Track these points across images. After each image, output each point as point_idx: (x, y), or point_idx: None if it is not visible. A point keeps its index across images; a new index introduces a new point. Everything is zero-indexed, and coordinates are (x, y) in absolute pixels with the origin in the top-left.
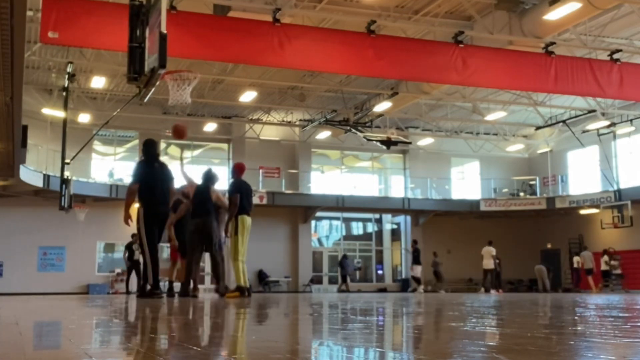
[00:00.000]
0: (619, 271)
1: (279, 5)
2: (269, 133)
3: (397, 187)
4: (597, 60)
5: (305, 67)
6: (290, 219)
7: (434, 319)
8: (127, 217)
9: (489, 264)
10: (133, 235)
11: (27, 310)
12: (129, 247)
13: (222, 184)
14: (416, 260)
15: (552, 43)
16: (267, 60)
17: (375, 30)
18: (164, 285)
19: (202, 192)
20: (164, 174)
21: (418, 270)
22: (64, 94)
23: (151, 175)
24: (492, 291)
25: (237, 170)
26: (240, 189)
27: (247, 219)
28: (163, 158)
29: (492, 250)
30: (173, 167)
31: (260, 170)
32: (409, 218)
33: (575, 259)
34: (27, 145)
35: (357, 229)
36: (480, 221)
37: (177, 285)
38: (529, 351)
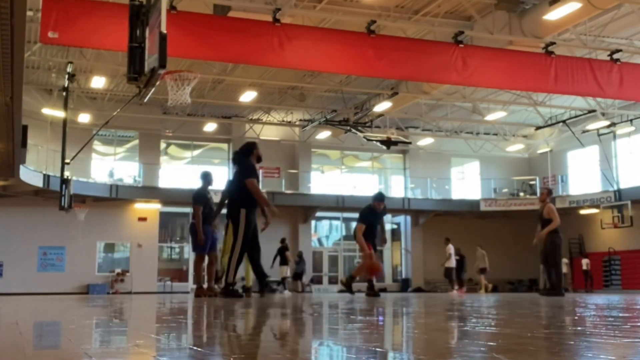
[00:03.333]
0: None
1: (279, 5)
2: (269, 133)
3: (397, 187)
4: (597, 60)
5: (305, 67)
6: (290, 219)
7: (434, 319)
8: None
9: (453, 262)
10: (283, 240)
11: (27, 310)
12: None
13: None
14: (283, 260)
15: (552, 43)
16: (267, 60)
17: (375, 30)
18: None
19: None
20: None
21: (285, 271)
22: (64, 94)
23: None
24: (455, 291)
25: None
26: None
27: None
28: (162, 158)
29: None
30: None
31: (260, 170)
32: (409, 218)
33: (584, 261)
34: (27, 145)
35: None
36: (480, 221)
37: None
38: (529, 351)
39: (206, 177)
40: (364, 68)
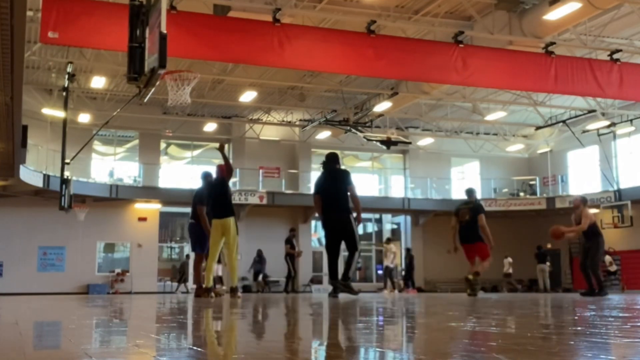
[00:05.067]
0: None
1: (279, 5)
2: (269, 133)
3: (397, 187)
4: (597, 60)
5: (305, 67)
6: (290, 219)
7: (434, 319)
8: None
9: (392, 262)
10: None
11: (27, 310)
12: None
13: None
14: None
15: (552, 43)
16: (267, 60)
17: (375, 30)
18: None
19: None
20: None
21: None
22: (64, 94)
23: (323, 184)
24: (386, 291)
25: (217, 171)
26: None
27: (213, 222)
28: (163, 158)
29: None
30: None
31: (260, 170)
32: (409, 218)
33: (540, 266)
34: (27, 145)
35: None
36: None
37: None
38: (529, 351)
39: (207, 178)
40: (364, 68)
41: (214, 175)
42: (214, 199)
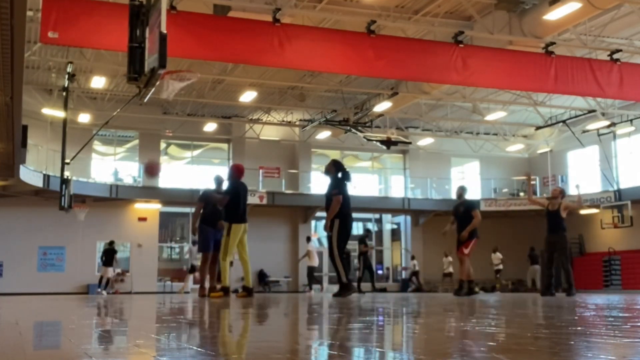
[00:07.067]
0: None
1: (279, 5)
2: (269, 133)
3: (397, 187)
4: (597, 60)
5: (305, 67)
6: (290, 219)
7: (434, 319)
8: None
9: (316, 261)
10: (111, 243)
11: (27, 310)
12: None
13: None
14: (108, 261)
15: (552, 43)
16: (267, 60)
17: (375, 30)
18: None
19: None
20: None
21: (109, 272)
22: (64, 94)
23: (345, 187)
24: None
25: (237, 172)
26: (238, 191)
27: (240, 226)
28: (163, 158)
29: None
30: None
31: (260, 170)
32: (409, 218)
33: (533, 267)
34: (27, 145)
35: (357, 229)
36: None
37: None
38: (529, 351)
39: (219, 183)
40: (364, 68)
41: (232, 177)
42: (243, 202)
